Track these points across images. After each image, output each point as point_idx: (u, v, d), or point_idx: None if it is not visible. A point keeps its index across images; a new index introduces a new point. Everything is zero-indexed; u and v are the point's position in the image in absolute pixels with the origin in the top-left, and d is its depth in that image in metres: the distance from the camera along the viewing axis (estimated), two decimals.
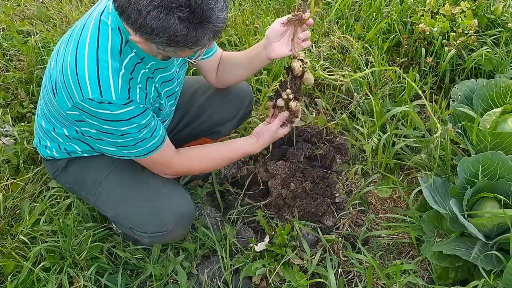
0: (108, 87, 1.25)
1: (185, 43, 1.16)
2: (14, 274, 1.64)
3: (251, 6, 3.07)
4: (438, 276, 1.69)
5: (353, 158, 2.17)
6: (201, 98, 1.87)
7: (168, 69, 1.48)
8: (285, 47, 1.50)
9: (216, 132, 1.93)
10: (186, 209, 1.58)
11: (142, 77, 1.37)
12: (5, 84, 2.47)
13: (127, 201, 1.55)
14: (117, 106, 1.27)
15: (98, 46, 1.27)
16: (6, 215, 1.85)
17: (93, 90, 1.25)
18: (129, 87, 1.30)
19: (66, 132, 1.51)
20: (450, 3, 2.64)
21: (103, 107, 1.26)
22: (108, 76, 1.26)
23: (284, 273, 1.66)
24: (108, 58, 1.27)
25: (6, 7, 3.06)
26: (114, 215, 1.59)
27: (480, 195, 1.69)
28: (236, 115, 1.92)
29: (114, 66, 1.27)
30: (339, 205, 1.97)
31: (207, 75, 1.79)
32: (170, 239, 1.63)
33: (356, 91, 2.42)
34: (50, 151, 1.62)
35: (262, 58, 1.58)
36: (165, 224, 1.52)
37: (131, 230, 1.57)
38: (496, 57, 2.45)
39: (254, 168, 2.07)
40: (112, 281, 1.67)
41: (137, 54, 1.33)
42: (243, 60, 1.69)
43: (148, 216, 1.52)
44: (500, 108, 1.96)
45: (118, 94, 1.26)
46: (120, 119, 1.30)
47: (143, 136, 1.38)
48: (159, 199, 1.53)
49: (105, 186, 1.58)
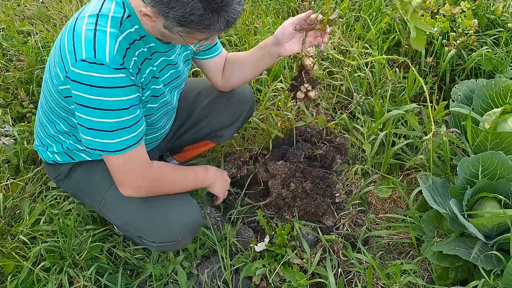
0: (103, 47, 1.23)
1: (197, 24, 1.15)
2: (14, 274, 1.64)
3: (251, 6, 3.07)
4: (438, 276, 1.69)
5: (353, 158, 2.17)
6: (205, 101, 1.86)
7: (168, 54, 1.46)
8: (295, 45, 1.54)
9: (218, 136, 1.93)
10: (194, 218, 1.56)
11: (140, 55, 1.35)
12: (5, 84, 2.47)
13: (135, 210, 1.51)
14: (108, 69, 1.23)
15: (99, 14, 1.26)
16: (6, 215, 1.85)
17: (87, 50, 1.22)
18: (124, 54, 1.27)
19: (64, 127, 1.49)
20: (450, 3, 2.64)
21: (94, 69, 1.22)
22: (105, 38, 1.24)
23: (284, 273, 1.66)
24: (108, 24, 1.26)
25: (6, 7, 3.06)
26: (121, 223, 1.56)
27: (480, 195, 1.69)
28: (238, 119, 1.92)
29: (112, 31, 1.25)
30: (339, 205, 1.97)
31: (212, 77, 1.77)
32: (179, 247, 1.62)
33: (356, 91, 2.42)
34: (52, 154, 1.61)
35: (272, 55, 1.60)
36: (174, 235, 1.51)
37: (139, 238, 1.55)
38: (496, 57, 2.45)
39: (254, 168, 2.07)
40: (112, 281, 1.67)
41: (137, 31, 1.31)
42: (250, 60, 1.68)
43: (157, 226, 1.50)
44: (500, 108, 1.96)
45: (112, 57, 1.23)
46: (108, 86, 1.24)
47: (123, 123, 1.31)
48: (167, 209, 1.51)
49: (111, 195, 1.54)
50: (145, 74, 1.39)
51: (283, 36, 1.53)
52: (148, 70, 1.40)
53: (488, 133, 1.84)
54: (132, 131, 1.34)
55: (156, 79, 1.45)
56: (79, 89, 1.26)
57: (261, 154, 2.18)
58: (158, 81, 1.46)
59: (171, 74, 1.53)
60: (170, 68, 1.51)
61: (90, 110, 1.28)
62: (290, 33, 1.51)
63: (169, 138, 1.88)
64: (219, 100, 1.86)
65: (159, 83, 1.47)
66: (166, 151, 1.97)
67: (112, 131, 1.31)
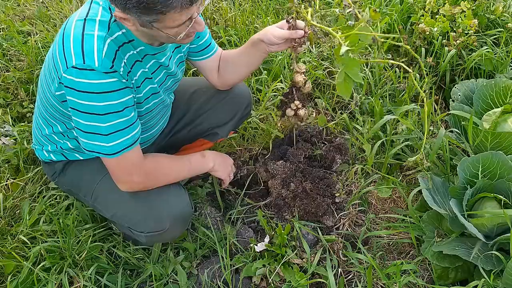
0: (91, 52, 1.23)
1: (156, 6, 1.13)
2: (14, 274, 1.65)
3: (251, 6, 3.06)
4: (438, 276, 1.69)
5: (353, 158, 2.17)
6: (200, 99, 1.88)
7: (159, 56, 1.46)
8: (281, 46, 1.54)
9: (214, 133, 1.94)
10: (182, 207, 1.58)
11: (130, 58, 1.34)
12: (5, 84, 2.47)
13: (124, 201, 1.54)
14: (98, 74, 1.23)
15: (86, 19, 1.26)
16: (6, 215, 1.85)
17: (76, 56, 1.22)
18: (114, 57, 1.27)
19: (61, 128, 1.51)
20: (450, 3, 2.64)
21: (84, 75, 1.23)
22: (93, 41, 1.23)
23: (284, 273, 1.66)
24: (95, 28, 1.26)
25: (6, 7, 3.06)
26: (111, 215, 1.60)
27: (480, 195, 1.69)
28: (234, 117, 1.92)
29: (100, 34, 1.25)
30: (339, 205, 1.97)
31: (208, 76, 1.79)
32: (168, 238, 1.64)
33: (356, 91, 2.42)
34: (48, 154, 1.63)
35: (262, 51, 1.59)
36: (162, 223, 1.52)
37: (129, 229, 1.58)
38: (496, 57, 2.45)
39: (254, 168, 2.07)
40: (112, 281, 1.67)
41: (125, 35, 1.31)
42: (243, 58, 1.69)
43: (145, 215, 1.52)
44: (500, 108, 1.96)
45: (101, 60, 1.23)
46: (99, 91, 1.25)
47: (118, 125, 1.33)
48: (154, 198, 1.53)
49: (102, 187, 1.58)
50: (137, 76, 1.39)
51: (268, 41, 1.53)
52: (139, 72, 1.40)
53: (488, 133, 1.84)
54: (126, 133, 1.36)
55: (150, 79, 1.46)
56: (72, 95, 1.27)
57: (261, 154, 2.18)
58: (153, 81, 1.47)
59: (164, 75, 1.54)
60: (163, 69, 1.52)
61: (85, 115, 1.30)
62: (275, 42, 1.51)
63: (164, 135, 1.89)
64: (215, 98, 1.87)
65: (154, 83, 1.48)
66: (162, 149, 1.97)
67: (108, 134, 1.33)
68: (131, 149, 1.40)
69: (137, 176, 1.46)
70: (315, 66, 2.52)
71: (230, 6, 3.04)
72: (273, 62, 2.54)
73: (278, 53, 2.57)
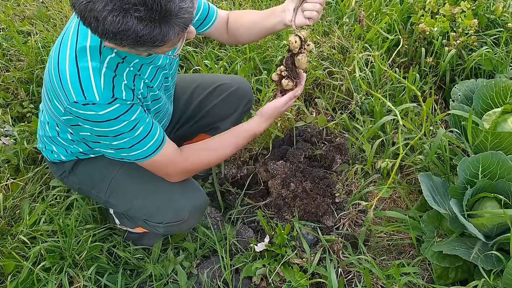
0: (90, 88, 1.23)
1: (152, 42, 1.10)
2: (14, 274, 1.65)
3: (251, 6, 3.06)
4: (438, 276, 1.69)
5: (353, 158, 2.17)
6: (201, 94, 1.89)
7: (155, 61, 1.45)
8: (302, 15, 1.47)
9: (215, 128, 1.94)
10: (199, 196, 1.59)
11: (128, 75, 1.34)
12: (5, 84, 2.47)
13: (142, 193, 1.55)
14: (102, 106, 1.24)
15: (77, 47, 1.25)
16: (6, 215, 1.85)
17: (76, 93, 1.23)
18: (113, 85, 1.26)
19: (70, 136, 1.51)
20: (450, 3, 2.64)
21: (88, 109, 1.24)
22: (89, 76, 1.23)
23: (284, 273, 1.66)
24: (88, 59, 1.25)
25: (6, 7, 3.06)
26: (127, 209, 1.59)
27: (480, 195, 1.69)
28: (236, 111, 1.92)
29: (94, 66, 1.24)
30: (339, 205, 1.97)
31: (218, 38, 1.77)
32: (185, 228, 1.64)
33: (356, 91, 2.42)
34: (57, 155, 1.61)
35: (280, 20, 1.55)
36: (181, 214, 1.53)
37: (145, 222, 1.58)
38: (496, 57, 2.45)
39: (254, 168, 2.07)
40: (112, 281, 1.67)
41: (117, 55, 1.30)
42: (258, 23, 1.64)
43: (164, 206, 1.53)
44: (500, 108, 1.96)
45: (101, 94, 1.23)
46: (108, 119, 1.27)
47: (138, 137, 1.34)
48: (173, 189, 1.54)
49: (118, 182, 1.58)
50: (141, 89, 1.39)
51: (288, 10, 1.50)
52: (142, 85, 1.40)
53: (488, 133, 1.84)
54: (149, 140, 1.37)
55: (151, 88, 1.46)
56: (82, 122, 1.29)
57: (261, 154, 2.18)
58: (153, 89, 1.47)
59: (162, 77, 1.54)
60: (160, 71, 1.51)
61: (100, 138, 1.33)
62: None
63: (168, 132, 1.89)
64: (217, 92, 1.88)
65: (155, 90, 1.49)
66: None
67: (130, 147, 1.35)
68: (163, 147, 1.41)
69: (180, 170, 1.49)
70: (315, 66, 2.51)
71: (230, 6, 3.04)
72: (273, 62, 2.54)
73: (278, 53, 2.57)
